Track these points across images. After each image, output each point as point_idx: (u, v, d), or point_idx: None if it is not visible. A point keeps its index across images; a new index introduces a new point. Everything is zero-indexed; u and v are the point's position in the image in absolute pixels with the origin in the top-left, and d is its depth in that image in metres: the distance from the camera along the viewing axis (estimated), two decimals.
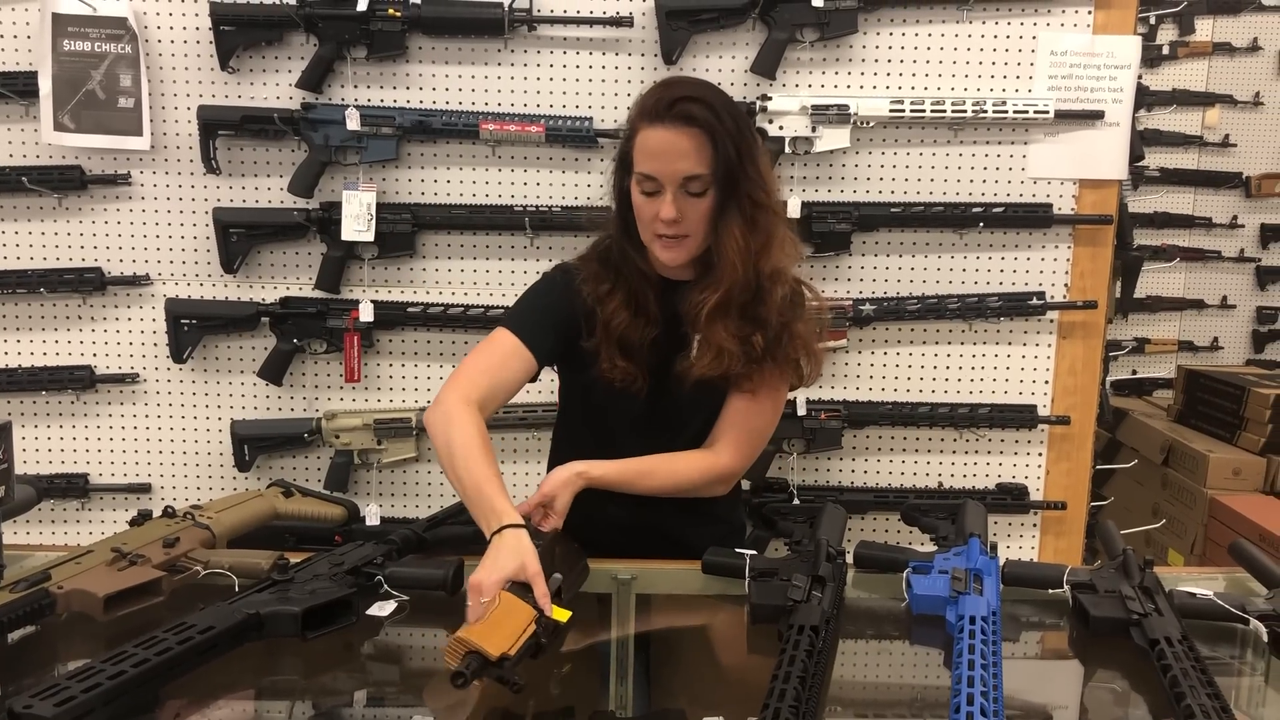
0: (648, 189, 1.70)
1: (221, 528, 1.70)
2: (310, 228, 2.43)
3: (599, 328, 1.79)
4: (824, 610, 1.38)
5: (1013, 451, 2.54)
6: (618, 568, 1.70)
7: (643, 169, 1.69)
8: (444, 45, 2.40)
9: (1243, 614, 1.44)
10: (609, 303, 1.80)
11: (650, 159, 1.69)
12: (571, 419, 1.98)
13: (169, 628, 1.28)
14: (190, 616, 1.32)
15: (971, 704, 1.12)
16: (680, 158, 1.68)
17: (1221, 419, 3.69)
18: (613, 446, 1.84)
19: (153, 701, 1.24)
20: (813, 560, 1.53)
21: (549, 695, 1.37)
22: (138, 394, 2.53)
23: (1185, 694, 1.17)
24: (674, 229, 1.71)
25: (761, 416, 1.86)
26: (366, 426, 2.49)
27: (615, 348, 1.78)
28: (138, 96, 2.39)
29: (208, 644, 1.29)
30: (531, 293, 1.92)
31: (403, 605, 1.52)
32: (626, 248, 1.81)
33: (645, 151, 1.69)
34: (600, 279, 1.82)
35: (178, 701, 1.27)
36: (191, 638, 1.27)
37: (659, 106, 1.68)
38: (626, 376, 1.78)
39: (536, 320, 1.83)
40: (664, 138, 1.67)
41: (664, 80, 1.80)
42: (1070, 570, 1.56)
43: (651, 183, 1.69)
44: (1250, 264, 4.71)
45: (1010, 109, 2.37)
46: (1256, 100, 4.57)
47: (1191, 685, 1.19)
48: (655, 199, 1.70)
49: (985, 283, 2.48)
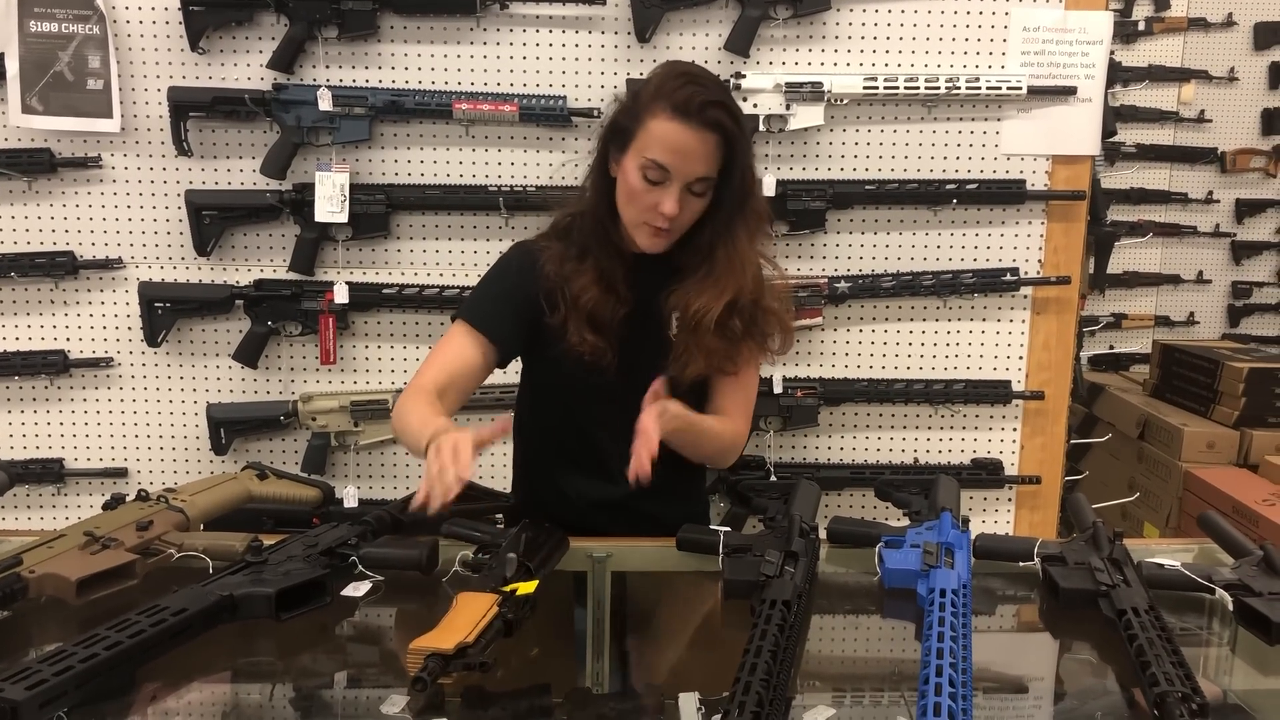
0: (654, 177, 1.70)
1: (195, 511, 1.70)
2: (283, 209, 2.42)
3: (567, 304, 1.79)
4: (796, 585, 1.39)
5: (987, 427, 2.55)
6: (593, 545, 1.71)
7: (656, 157, 1.68)
8: (416, 24, 2.39)
9: (1209, 584, 1.46)
10: (577, 279, 1.79)
11: (668, 152, 1.68)
12: (540, 401, 1.97)
13: (142, 610, 1.28)
14: (163, 599, 1.32)
15: (940, 675, 1.13)
16: (698, 160, 1.69)
17: (1196, 393, 3.73)
18: (585, 425, 1.85)
19: (128, 684, 1.24)
20: (786, 536, 1.55)
21: (525, 674, 1.38)
22: (112, 378, 2.52)
23: (1150, 662, 1.19)
24: (668, 222, 1.72)
25: (751, 387, 1.95)
26: (343, 408, 2.49)
27: (584, 323, 1.79)
28: (107, 78, 2.36)
29: (181, 626, 1.29)
30: (486, 280, 1.93)
31: (377, 586, 1.53)
32: (604, 222, 1.80)
33: (663, 143, 1.68)
34: (565, 256, 1.82)
35: (153, 684, 1.26)
36: (165, 620, 1.27)
37: (690, 105, 1.67)
38: (595, 351, 1.79)
39: (492, 308, 1.85)
40: (688, 137, 1.68)
41: (685, 70, 1.76)
42: (1041, 543, 1.58)
43: (661, 173, 1.69)
44: (1225, 239, 4.73)
45: (983, 85, 2.38)
46: (1231, 75, 4.59)
47: (1157, 654, 1.20)
48: (658, 189, 1.70)
49: (960, 259, 2.49)
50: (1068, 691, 1.39)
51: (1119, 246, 4.60)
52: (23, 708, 1.08)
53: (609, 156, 1.79)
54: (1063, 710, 1.33)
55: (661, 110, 1.68)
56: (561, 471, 1.92)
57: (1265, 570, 1.46)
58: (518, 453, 2.06)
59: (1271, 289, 4.78)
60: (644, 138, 1.70)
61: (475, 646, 1.24)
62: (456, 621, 1.28)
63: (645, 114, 1.70)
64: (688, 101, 1.67)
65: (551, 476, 1.93)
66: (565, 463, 1.93)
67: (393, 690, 1.25)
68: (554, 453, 1.94)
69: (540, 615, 1.41)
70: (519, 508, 1.91)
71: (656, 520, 1.79)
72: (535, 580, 1.44)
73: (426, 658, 1.20)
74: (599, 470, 1.88)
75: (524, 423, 2.01)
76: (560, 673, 1.44)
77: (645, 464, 1.52)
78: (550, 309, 1.81)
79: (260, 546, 1.49)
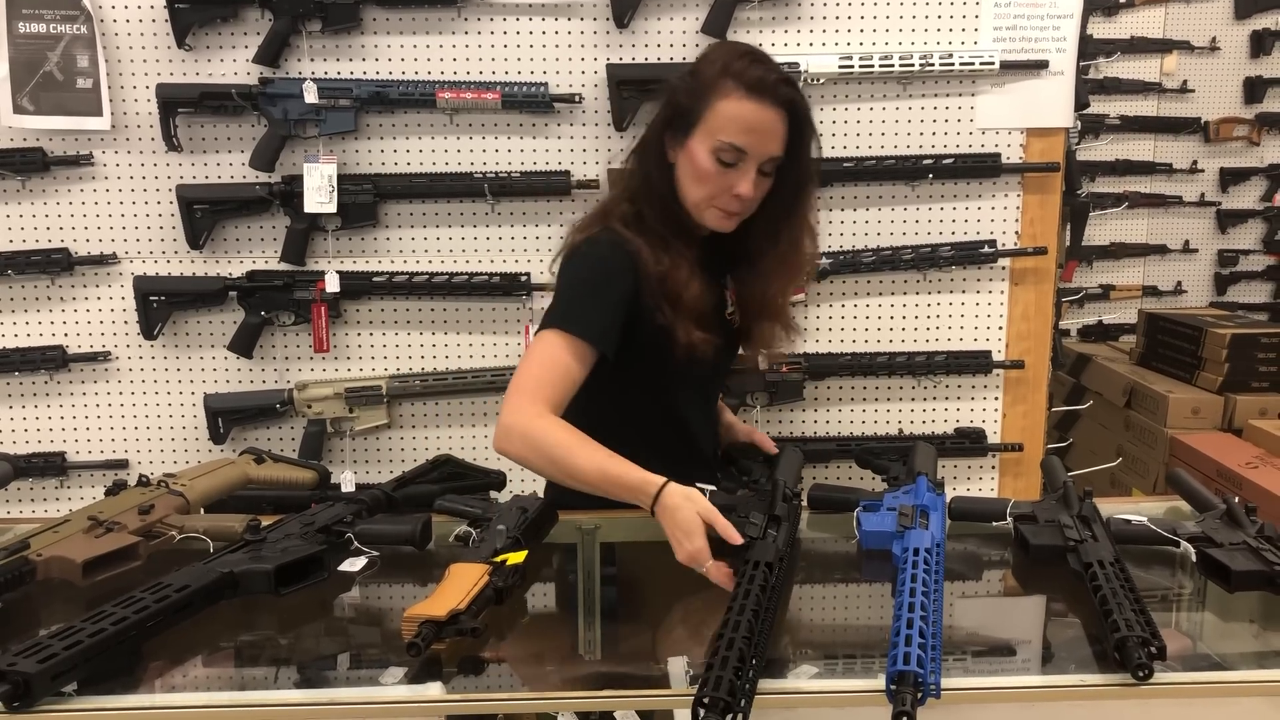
0: (729, 159, 1.67)
1: (195, 494, 1.75)
2: (273, 201, 2.46)
3: (671, 301, 1.73)
4: (778, 547, 1.44)
5: (970, 397, 2.60)
6: (581, 518, 1.76)
7: (733, 140, 1.65)
8: (398, 16, 2.43)
9: (1174, 537, 1.51)
10: (676, 275, 1.73)
11: (746, 133, 1.65)
12: (625, 394, 1.83)
13: (146, 588, 1.33)
14: (166, 577, 1.37)
15: (911, 627, 1.18)
16: (774, 139, 1.68)
17: (1180, 360, 3.77)
18: (673, 411, 1.85)
19: (135, 659, 1.29)
20: (770, 500, 1.59)
21: (518, 643, 1.43)
22: (110, 372, 2.56)
23: (1113, 610, 1.24)
24: (741, 205, 1.71)
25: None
26: (338, 395, 2.54)
27: (692, 321, 1.73)
28: (96, 77, 2.40)
29: (184, 602, 1.34)
30: (585, 284, 1.75)
31: (373, 560, 1.58)
32: (675, 209, 1.75)
33: (739, 123, 1.65)
34: (656, 251, 1.74)
35: (159, 661, 1.31)
36: (168, 596, 1.32)
37: (763, 83, 1.66)
38: (705, 345, 1.75)
39: (601, 318, 1.70)
40: (766, 116, 1.66)
41: (748, 50, 1.74)
42: (1014, 503, 1.63)
43: (737, 154, 1.66)
44: (1211, 208, 4.76)
45: (957, 61, 2.41)
46: (1213, 45, 4.61)
47: (1119, 602, 1.26)
48: (732, 171, 1.68)
49: (938, 233, 2.54)
50: (1037, 641, 1.44)
51: (1105, 218, 4.64)
52: (35, 680, 1.13)
53: (665, 140, 1.75)
54: (1032, 658, 1.38)
55: (734, 90, 1.66)
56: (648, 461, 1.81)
57: (1228, 523, 1.51)
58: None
59: (1257, 256, 4.81)
60: (714, 119, 1.66)
61: (467, 613, 1.29)
62: (449, 590, 1.34)
63: (713, 95, 1.67)
64: (761, 81, 1.66)
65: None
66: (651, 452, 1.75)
67: (390, 661, 1.29)
68: (641, 443, 1.72)
69: (532, 585, 1.46)
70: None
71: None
72: (524, 551, 1.49)
73: (420, 624, 1.26)
74: (690, 456, 1.89)
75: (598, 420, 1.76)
76: (554, 641, 1.49)
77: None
78: (657, 308, 1.73)
79: (259, 526, 1.55)
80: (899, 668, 1.11)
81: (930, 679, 1.11)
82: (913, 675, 1.10)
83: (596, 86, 2.45)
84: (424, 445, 2.60)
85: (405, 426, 2.61)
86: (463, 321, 2.57)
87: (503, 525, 1.54)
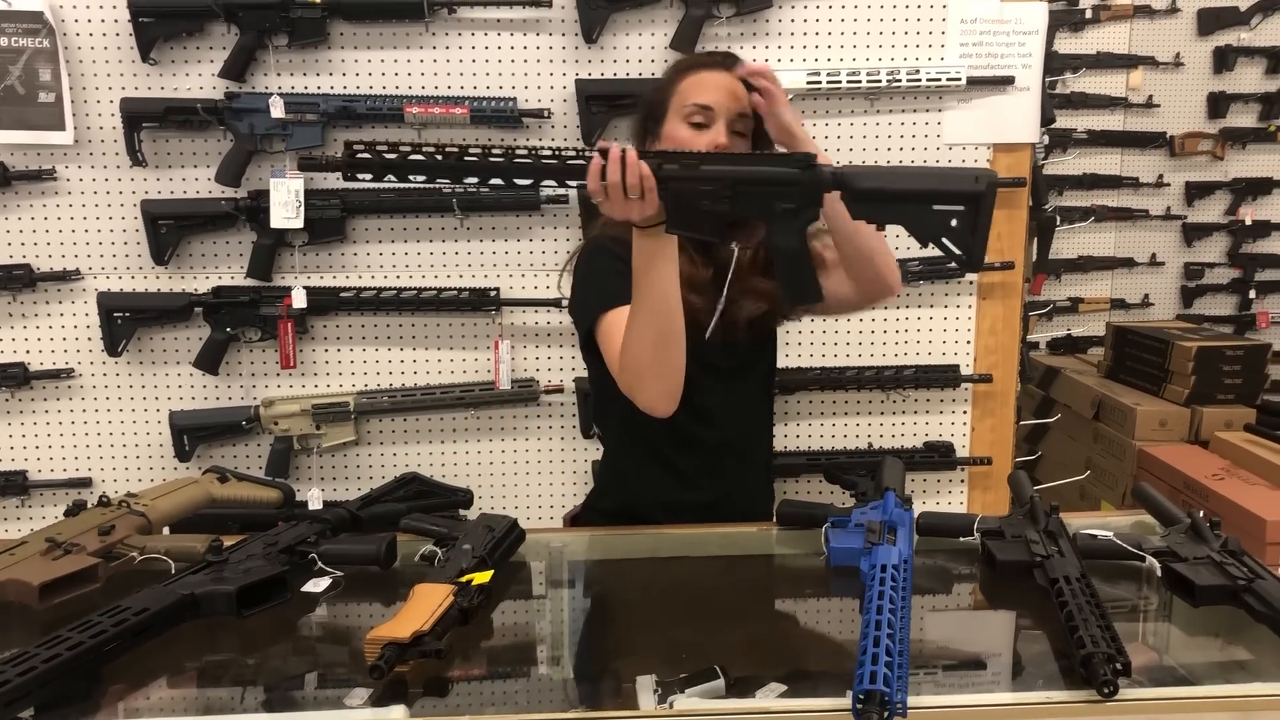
0: (700, 120, 1.79)
1: (157, 514, 1.73)
2: (239, 216, 2.45)
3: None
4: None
5: (938, 411, 2.61)
6: (550, 536, 1.75)
7: (698, 99, 1.79)
8: (365, 30, 2.42)
9: (1139, 552, 1.52)
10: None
11: (706, 92, 1.80)
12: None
13: (104, 611, 1.31)
14: (125, 599, 1.35)
15: (878, 645, 1.17)
16: (733, 96, 1.81)
17: (1148, 372, 3.80)
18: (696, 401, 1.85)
19: (93, 684, 1.26)
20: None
21: (484, 663, 1.42)
22: (74, 389, 2.54)
23: (1078, 626, 1.24)
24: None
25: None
26: (305, 412, 2.52)
27: (684, 287, 1.75)
28: (58, 91, 2.38)
29: (143, 625, 1.31)
30: (598, 273, 1.88)
31: (337, 581, 1.56)
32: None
33: (700, 86, 1.80)
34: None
35: (119, 685, 1.29)
36: (127, 619, 1.30)
37: (712, 56, 1.89)
38: (698, 309, 1.81)
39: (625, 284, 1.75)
40: (720, 77, 1.81)
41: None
42: (981, 519, 1.63)
43: (706, 113, 1.79)
44: (1176, 222, 4.80)
45: (924, 77, 2.43)
46: (1177, 61, 4.66)
47: (1085, 618, 1.25)
48: (704, 132, 1.79)
49: (905, 247, 2.53)
50: (1003, 658, 1.44)
51: (1073, 231, 4.68)
52: None
53: (646, 144, 1.85)
54: (998, 675, 1.38)
55: (688, 70, 1.85)
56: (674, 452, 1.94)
57: (1192, 538, 1.51)
58: (611, 453, 2.10)
59: (1222, 269, 4.86)
60: (678, 98, 1.82)
61: (431, 634, 1.28)
62: (413, 611, 1.32)
63: (673, 83, 1.84)
64: (709, 55, 1.90)
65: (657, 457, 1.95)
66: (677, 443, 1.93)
67: (355, 682, 1.28)
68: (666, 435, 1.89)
69: (498, 605, 1.45)
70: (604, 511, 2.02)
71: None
72: (491, 570, 1.48)
73: (384, 646, 1.24)
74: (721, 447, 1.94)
75: (615, 418, 1.97)
76: (519, 661, 1.48)
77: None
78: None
79: (221, 546, 1.52)
80: (865, 686, 1.10)
81: (896, 698, 1.10)
82: (879, 694, 1.09)
83: (565, 101, 2.45)
84: (393, 462, 2.58)
85: (374, 443, 2.59)
86: (431, 337, 2.55)
87: (469, 545, 1.52)
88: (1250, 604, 1.33)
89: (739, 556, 1.78)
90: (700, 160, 1.55)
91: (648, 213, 1.56)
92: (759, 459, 2.05)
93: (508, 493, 2.62)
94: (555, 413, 2.61)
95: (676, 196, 1.55)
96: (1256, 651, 1.33)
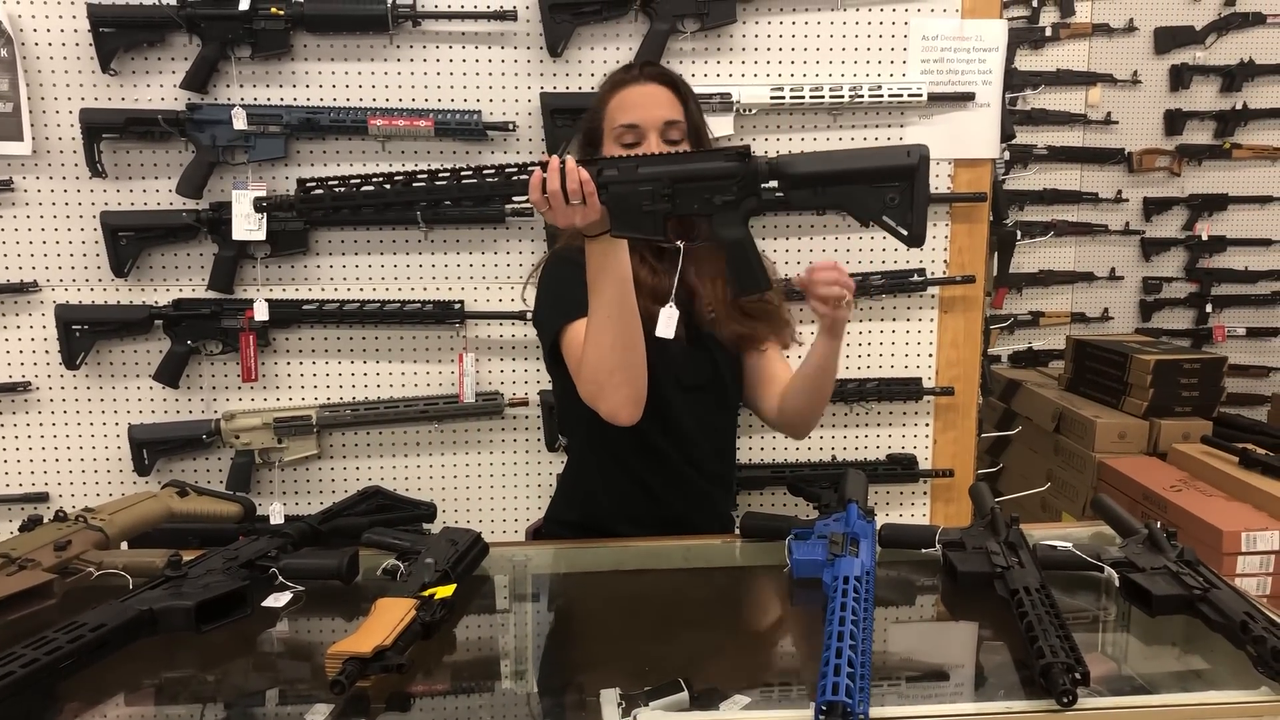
0: (629, 140, 1.82)
1: (115, 529, 1.71)
2: (201, 228, 2.43)
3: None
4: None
5: (901, 423, 2.63)
6: (513, 550, 1.74)
7: (623, 120, 1.82)
8: (329, 42, 2.41)
9: (1098, 562, 1.53)
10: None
11: (630, 110, 1.82)
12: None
13: (59, 627, 1.29)
14: (82, 615, 1.33)
15: (840, 656, 1.18)
16: (658, 105, 1.83)
17: (1107, 385, 3.85)
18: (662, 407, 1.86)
19: (49, 702, 1.24)
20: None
21: (447, 678, 1.41)
22: (30, 402, 2.50)
23: (1038, 636, 1.25)
24: None
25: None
26: (266, 426, 2.50)
27: (647, 298, 1.78)
28: (16, 101, 2.35)
29: (99, 641, 1.29)
30: (558, 283, 1.90)
31: (298, 596, 1.55)
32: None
33: (623, 106, 1.84)
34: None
35: (75, 702, 1.27)
36: (83, 636, 1.28)
37: (628, 73, 1.90)
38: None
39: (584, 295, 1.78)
40: (641, 91, 1.84)
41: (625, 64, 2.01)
42: (942, 530, 1.65)
43: (634, 131, 1.82)
44: (1135, 236, 4.87)
45: (885, 93, 2.46)
46: (1135, 79, 4.73)
47: (1044, 629, 1.27)
48: (635, 150, 1.79)
49: (869, 261, 2.57)
50: (964, 668, 1.45)
51: (1033, 246, 4.73)
52: None
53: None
54: (959, 685, 1.39)
55: (612, 90, 1.88)
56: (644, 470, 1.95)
57: (1150, 548, 1.53)
58: (574, 465, 2.09)
59: (1180, 284, 4.93)
60: (608, 120, 1.86)
61: (393, 649, 1.27)
62: (375, 626, 1.31)
63: (603, 104, 1.88)
64: (626, 72, 1.91)
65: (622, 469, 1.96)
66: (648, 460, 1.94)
67: (316, 698, 1.26)
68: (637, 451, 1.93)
69: (461, 619, 1.44)
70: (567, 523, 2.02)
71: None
72: (453, 584, 1.47)
73: (345, 661, 1.23)
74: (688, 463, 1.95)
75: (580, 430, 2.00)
76: (482, 675, 1.47)
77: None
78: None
79: (180, 561, 1.50)
80: (828, 698, 1.11)
81: (859, 709, 1.11)
82: (841, 705, 1.10)
83: (531, 115, 2.45)
84: (355, 476, 2.56)
85: (336, 457, 2.57)
86: (395, 350, 2.54)
87: (431, 559, 1.51)
88: (1206, 613, 1.35)
89: (702, 569, 1.79)
90: (638, 163, 1.59)
91: (591, 218, 1.59)
92: (722, 475, 2.06)
93: (471, 506, 2.60)
94: (520, 426, 2.60)
95: (618, 200, 1.59)
96: (1212, 660, 1.35)
